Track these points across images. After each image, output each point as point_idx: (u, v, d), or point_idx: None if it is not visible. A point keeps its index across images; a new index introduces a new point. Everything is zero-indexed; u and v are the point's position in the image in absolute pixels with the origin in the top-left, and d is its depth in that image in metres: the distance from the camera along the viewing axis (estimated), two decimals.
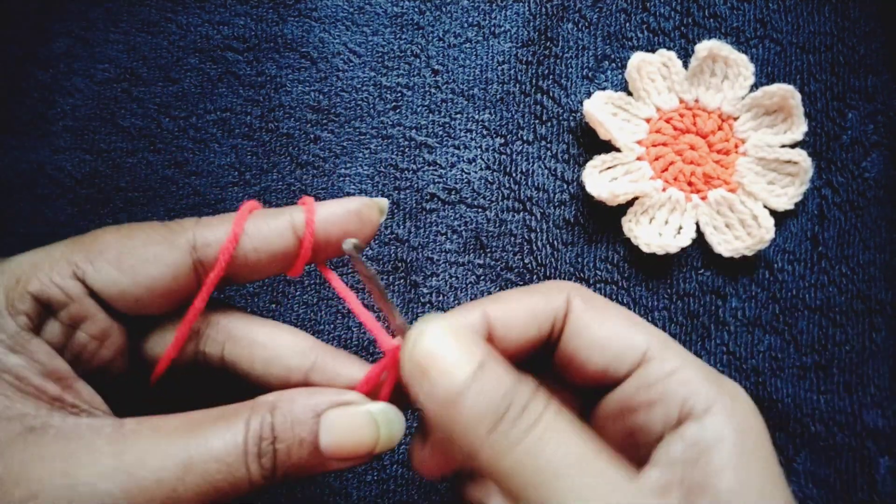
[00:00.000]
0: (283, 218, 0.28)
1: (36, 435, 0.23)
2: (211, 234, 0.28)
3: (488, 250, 0.43)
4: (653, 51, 0.44)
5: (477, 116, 0.44)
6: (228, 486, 0.24)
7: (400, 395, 0.27)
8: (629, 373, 0.27)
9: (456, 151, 0.44)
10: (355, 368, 0.29)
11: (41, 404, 0.24)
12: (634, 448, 0.26)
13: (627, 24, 0.45)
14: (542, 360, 0.29)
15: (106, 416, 0.26)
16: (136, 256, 0.27)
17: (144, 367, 0.30)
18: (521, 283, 0.43)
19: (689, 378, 0.26)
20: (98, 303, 0.27)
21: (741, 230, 0.42)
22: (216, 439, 0.24)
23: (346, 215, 0.29)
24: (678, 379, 0.26)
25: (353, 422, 0.26)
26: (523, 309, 0.28)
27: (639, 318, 0.28)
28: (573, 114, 0.44)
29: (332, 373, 0.28)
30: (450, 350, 0.23)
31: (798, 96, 0.42)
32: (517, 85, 0.44)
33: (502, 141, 0.44)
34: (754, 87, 0.43)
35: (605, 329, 0.27)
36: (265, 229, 0.28)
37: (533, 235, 0.43)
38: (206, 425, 0.25)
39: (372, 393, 0.28)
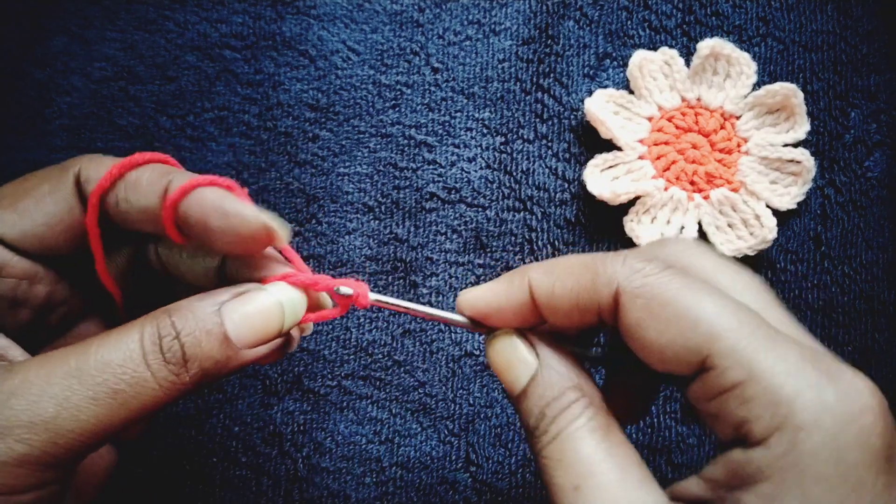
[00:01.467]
0: (160, 179, 0.27)
1: None
2: (94, 170, 0.28)
3: (488, 250, 0.43)
4: (654, 49, 0.43)
5: (477, 115, 0.44)
6: (132, 390, 0.23)
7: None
8: (693, 377, 0.23)
9: (456, 150, 0.44)
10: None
11: None
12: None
13: (629, 22, 0.45)
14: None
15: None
16: (29, 197, 0.28)
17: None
18: None
19: (752, 395, 0.21)
20: (10, 249, 0.28)
21: (744, 230, 0.42)
22: (110, 349, 0.24)
23: (214, 212, 0.27)
24: (737, 396, 0.21)
25: (255, 304, 0.26)
26: (566, 291, 0.26)
27: (713, 300, 0.23)
28: (574, 112, 0.44)
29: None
30: (507, 362, 0.27)
31: (800, 95, 0.42)
32: (518, 83, 0.44)
33: (503, 139, 0.44)
34: (756, 85, 0.43)
35: (657, 334, 0.23)
36: (141, 183, 0.27)
37: (534, 235, 0.43)
38: (97, 341, 0.24)
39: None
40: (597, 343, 0.30)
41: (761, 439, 0.21)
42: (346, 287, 0.28)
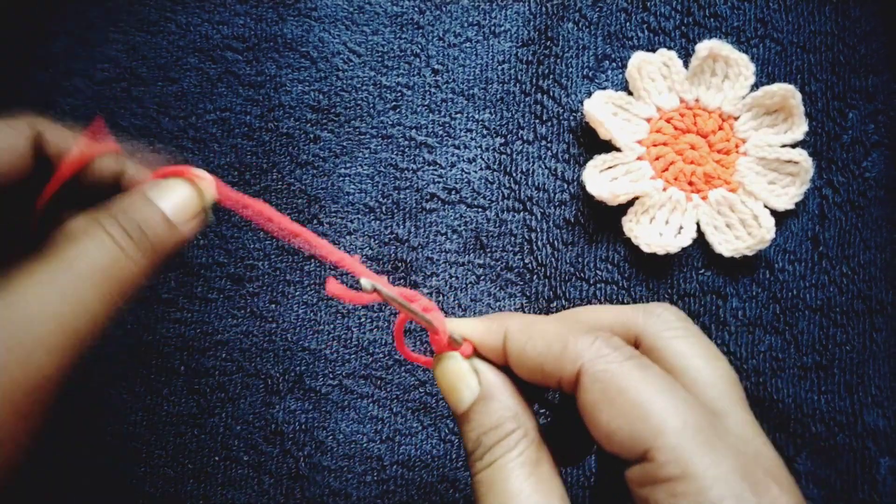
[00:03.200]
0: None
1: None
2: (57, 136, 0.30)
3: (488, 250, 0.43)
4: (653, 50, 0.44)
5: (477, 116, 0.44)
6: (110, 264, 0.26)
7: None
8: (635, 462, 0.25)
9: (456, 151, 0.44)
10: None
11: None
12: None
13: (628, 24, 0.45)
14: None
15: None
16: None
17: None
18: (521, 282, 0.43)
19: (682, 491, 0.23)
20: None
21: (742, 230, 0.42)
22: (80, 243, 0.26)
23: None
24: (669, 489, 0.23)
25: (179, 192, 0.29)
26: (535, 356, 0.27)
27: (666, 397, 0.25)
28: (573, 113, 0.44)
29: None
30: (452, 384, 0.28)
31: (798, 96, 0.42)
32: (517, 84, 0.44)
33: (502, 140, 0.44)
34: (755, 86, 0.43)
35: (609, 419, 0.25)
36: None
37: (533, 235, 0.43)
38: (62, 234, 0.26)
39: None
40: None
41: None
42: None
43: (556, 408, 0.31)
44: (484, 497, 0.26)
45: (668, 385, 0.25)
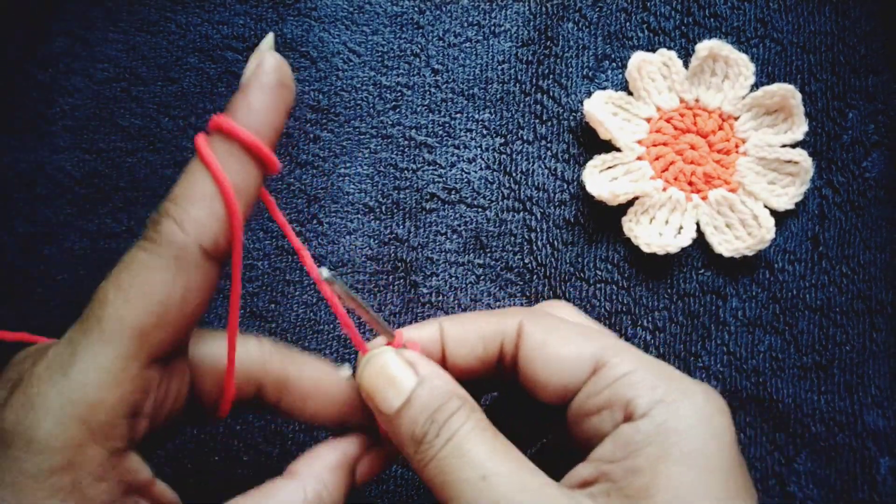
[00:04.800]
0: (252, 162, 0.27)
1: None
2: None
3: (488, 250, 0.43)
4: (653, 50, 0.44)
5: (477, 116, 0.44)
6: None
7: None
8: (584, 383, 0.27)
9: (456, 151, 0.44)
10: None
11: None
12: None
13: (628, 24, 0.45)
14: (512, 382, 0.30)
15: None
16: (155, 295, 0.25)
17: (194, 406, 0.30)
18: (521, 282, 0.43)
19: (636, 381, 0.26)
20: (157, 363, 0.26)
21: (742, 230, 0.42)
22: None
23: (279, 93, 0.28)
24: (625, 382, 0.26)
25: (374, 457, 0.31)
26: (474, 329, 0.29)
27: (595, 327, 0.30)
28: (573, 113, 0.44)
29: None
30: (386, 380, 0.28)
31: (798, 96, 0.42)
32: (517, 84, 0.44)
33: (502, 140, 0.44)
34: (755, 86, 0.43)
35: (556, 346, 0.28)
36: (241, 188, 0.26)
37: (533, 235, 0.43)
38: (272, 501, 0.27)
39: None
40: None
41: (646, 412, 0.25)
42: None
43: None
44: (457, 469, 0.25)
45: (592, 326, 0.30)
